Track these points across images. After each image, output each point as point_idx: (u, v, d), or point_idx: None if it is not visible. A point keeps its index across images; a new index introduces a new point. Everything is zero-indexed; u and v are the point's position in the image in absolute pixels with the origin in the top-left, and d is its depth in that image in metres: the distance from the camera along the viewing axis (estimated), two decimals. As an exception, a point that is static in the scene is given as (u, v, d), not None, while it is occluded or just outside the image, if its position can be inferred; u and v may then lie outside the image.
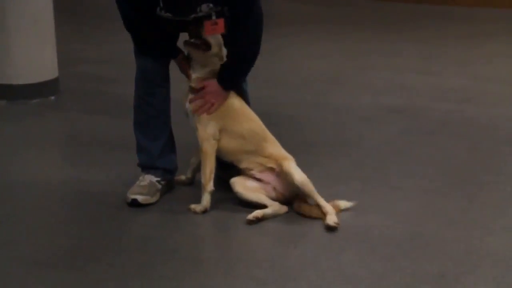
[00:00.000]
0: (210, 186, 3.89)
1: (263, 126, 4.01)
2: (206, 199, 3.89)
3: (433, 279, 3.25)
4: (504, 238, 3.68)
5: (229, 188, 3.96)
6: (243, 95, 4.08)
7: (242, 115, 3.97)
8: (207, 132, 3.88)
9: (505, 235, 3.71)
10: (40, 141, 5.15)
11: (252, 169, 3.95)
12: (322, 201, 3.83)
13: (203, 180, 3.90)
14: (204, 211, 3.87)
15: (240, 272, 3.35)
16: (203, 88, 3.89)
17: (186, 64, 3.95)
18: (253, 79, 4.22)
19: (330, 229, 3.71)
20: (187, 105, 3.94)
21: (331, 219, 3.74)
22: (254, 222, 3.80)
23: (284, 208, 3.89)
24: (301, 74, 7.06)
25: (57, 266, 3.36)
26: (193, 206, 3.88)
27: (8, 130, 5.36)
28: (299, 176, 3.85)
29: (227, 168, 4.02)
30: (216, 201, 3.93)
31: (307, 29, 9.13)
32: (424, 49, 8.10)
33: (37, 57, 5.95)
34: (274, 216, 3.85)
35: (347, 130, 5.38)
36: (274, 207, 3.87)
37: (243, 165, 3.96)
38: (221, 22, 3.79)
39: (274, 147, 3.99)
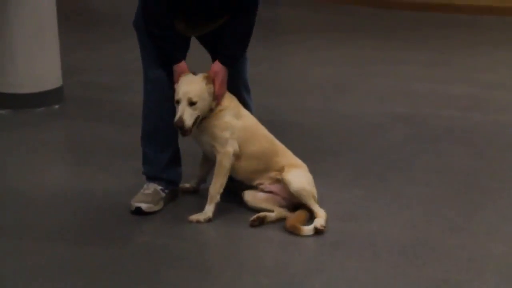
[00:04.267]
0: (217, 198, 3.88)
1: (273, 139, 4.01)
2: (211, 210, 3.87)
3: (436, 285, 3.24)
4: (508, 245, 3.67)
5: (233, 196, 3.97)
6: (245, 106, 4.06)
7: (254, 135, 3.95)
8: (227, 149, 3.85)
9: (509, 242, 3.70)
10: (45, 150, 5.16)
11: (262, 183, 3.96)
12: (315, 208, 3.84)
13: (211, 191, 3.88)
14: (208, 221, 3.87)
15: (245, 279, 3.35)
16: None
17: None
18: (258, 86, 4.23)
19: (316, 231, 3.71)
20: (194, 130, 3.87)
21: (318, 221, 3.74)
22: (256, 222, 3.82)
23: (289, 214, 3.88)
24: (306, 82, 7.06)
25: (62, 275, 3.36)
26: (194, 217, 3.86)
27: (13, 138, 5.36)
28: (295, 184, 3.85)
29: (232, 178, 4.01)
30: (221, 209, 3.92)
31: (312, 37, 9.13)
32: (429, 56, 8.10)
33: (41, 66, 5.96)
34: (278, 220, 3.86)
35: (352, 137, 5.38)
36: (278, 212, 3.88)
37: (254, 183, 3.97)
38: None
39: (285, 159, 3.98)
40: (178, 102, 3.74)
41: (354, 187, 4.37)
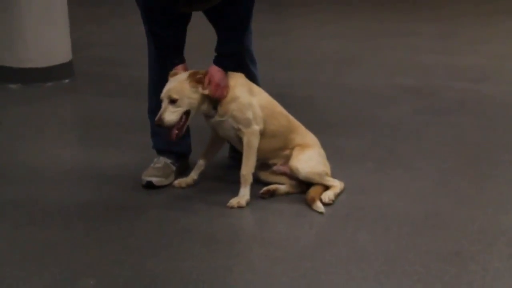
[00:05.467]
0: (251, 178, 3.81)
1: (288, 115, 3.97)
2: (247, 192, 3.79)
3: (448, 257, 3.24)
4: (520, 216, 3.67)
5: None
6: (252, 77, 4.05)
7: (273, 113, 3.91)
8: (253, 127, 3.80)
9: (521, 213, 3.70)
10: (55, 124, 5.17)
11: (276, 163, 3.96)
12: (330, 183, 3.86)
13: (244, 173, 3.79)
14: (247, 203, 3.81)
15: (256, 252, 3.36)
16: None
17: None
18: (267, 60, 4.21)
19: (321, 201, 3.74)
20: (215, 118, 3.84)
21: (327, 195, 3.77)
22: (266, 195, 3.84)
23: (301, 188, 3.89)
24: (314, 55, 7.05)
25: (74, 247, 3.37)
26: (234, 202, 3.77)
27: (23, 113, 5.38)
28: (303, 171, 3.83)
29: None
30: (231, 182, 3.92)
31: (320, 10, 9.11)
32: (440, 28, 8.07)
33: (50, 40, 5.98)
34: (288, 193, 3.88)
35: (362, 110, 5.37)
36: (289, 185, 3.90)
37: (270, 161, 3.97)
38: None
39: (299, 136, 3.96)
40: (161, 100, 3.73)
41: (364, 160, 4.36)
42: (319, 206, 3.70)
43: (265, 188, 3.86)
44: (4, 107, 5.53)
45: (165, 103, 3.69)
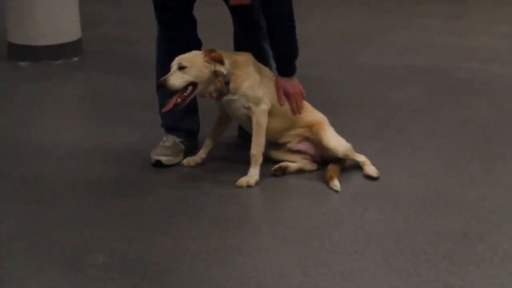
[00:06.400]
0: (261, 158, 3.81)
1: None
2: (257, 172, 3.79)
3: (456, 237, 3.24)
4: (529, 196, 3.66)
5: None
6: (264, 53, 4.07)
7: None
8: (262, 107, 3.81)
9: (530, 194, 3.69)
10: (64, 102, 5.18)
11: (289, 142, 3.97)
12: (360, 158, 3.92)
13: (254, 152, 3.79)
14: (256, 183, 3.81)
15: (264, 230, 3.37)
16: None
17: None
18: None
19: (370, 178, 3.81)
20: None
21: (372, 170, 3.83)
22: (279, 172, 3.85)
23: (312, 166, 3.91)
24: (325, 35, 7.02)
25: (83, 225, 3.38)
26: (244, 181, 3.76)
27: (33, 90, 5.39)
28: (340, 149, 3.88)
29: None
30: (240, 161, 3.93)
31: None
32: (451, 8, 8.03)
33: (60, 18, 5.98)
34: (300, 171, 3.88)
35: (371, 90, 5.36)
36: (301, 163, 3.91)
37: (281, 141, 3.97)
38: None
39: (308, 114, 3.96)
40: (171, 67, 3.72)
41: (373, 140, 4.36)
42: (335, 185, 3.71)
43: (277, 165, 3.86)
44: (13, 84, 5.54)
45: (173, 68, 3.69)
